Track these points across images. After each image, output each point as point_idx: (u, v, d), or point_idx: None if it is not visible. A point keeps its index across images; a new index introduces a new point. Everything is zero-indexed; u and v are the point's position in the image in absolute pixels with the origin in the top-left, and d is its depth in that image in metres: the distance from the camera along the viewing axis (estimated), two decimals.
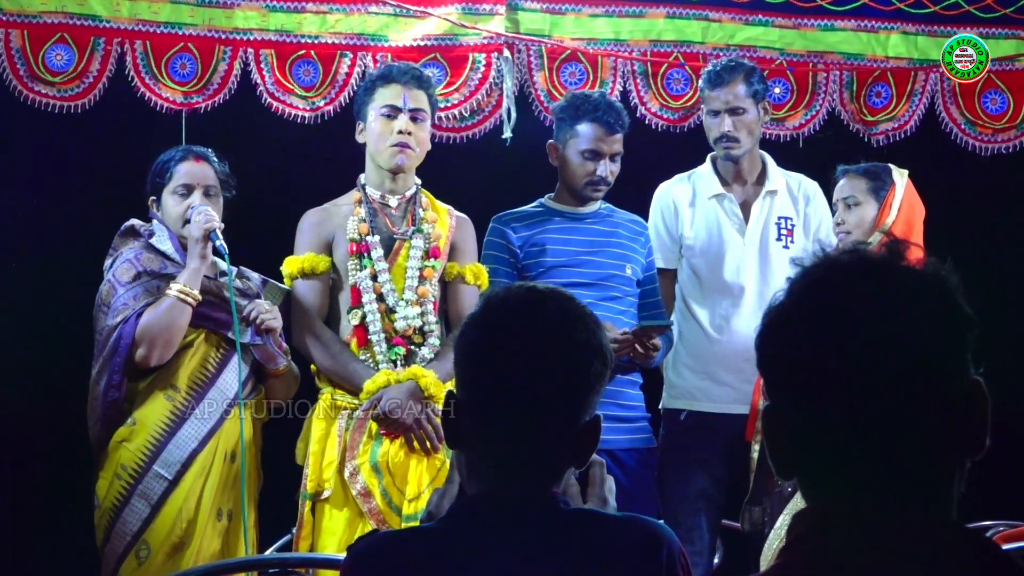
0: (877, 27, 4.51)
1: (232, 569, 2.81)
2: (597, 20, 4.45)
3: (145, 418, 3.30)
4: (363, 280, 3.40)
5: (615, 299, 3.59)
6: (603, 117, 3.59)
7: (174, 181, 3.42)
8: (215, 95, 4.27)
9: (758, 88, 3.77)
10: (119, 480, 3.27)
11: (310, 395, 3.50)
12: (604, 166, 3.60)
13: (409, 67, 3.57)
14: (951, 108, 4.50)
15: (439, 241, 3.48)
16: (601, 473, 1.71)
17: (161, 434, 3.29)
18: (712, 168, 3.87)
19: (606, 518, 1.61)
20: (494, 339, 1.61)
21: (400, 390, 3.30)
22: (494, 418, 1.59)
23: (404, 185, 3.50)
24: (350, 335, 3.42)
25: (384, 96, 3.46)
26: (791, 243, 3.80)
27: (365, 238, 3.44)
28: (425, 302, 3.42)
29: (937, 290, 1.18)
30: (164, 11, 4.25)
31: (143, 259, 3.37)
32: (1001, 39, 4.47)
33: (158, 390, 3.32)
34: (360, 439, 3.34)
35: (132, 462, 3.27)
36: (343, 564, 1.62)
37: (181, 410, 3.31)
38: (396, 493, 3.31)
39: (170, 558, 3.25)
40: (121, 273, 3.35)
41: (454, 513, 1.60)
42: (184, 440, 3.30)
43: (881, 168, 3.69)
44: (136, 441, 3.28)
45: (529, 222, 3.67)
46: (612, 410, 3.52)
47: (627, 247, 3.68)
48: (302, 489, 3.36)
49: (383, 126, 3.43)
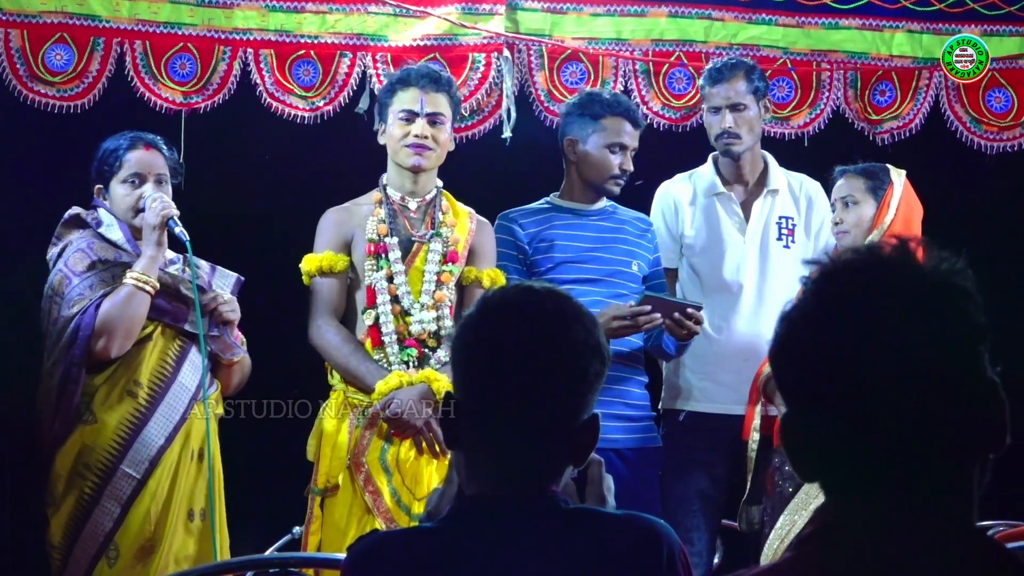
0: (881, 25, 4.49)
1: (232, 569, 2.80)
2: (598, 19, 4.44)
3: (108, 416, 3.24)
4: (379, 281, 3.41)
5: (621, 296, 3.58)
6: (629, 112, 3.65)
7: (124, 170, 3.38)
8: (215, 95, 4.27)
9: (759, 85, 3.78)
10: (84, 480, 3.21)
11: (310, 395, 3.50)
12: (628, 160, 3.61)
13: (428, 70, 3.55)
14: (956, 106, 4.48)
15: (457, 245, 3.49)
16: (599, 471, 1.71)
17: (127, 432, 3.23)
18: (713, 167, 3.87)
19: (606, 517, 1.60)
20: (492, 339, 1.61)
21: (411, 392, 3.30)
22: (493, 418, 1.58)
23: (424, 187, 3.50)
24: (364, 335, 3.43)
25: (402, 100, 3.46)
26: (792, 243, 3.80)
27: (383, 239, 3.45)
28: (442, 306, 3.43)
29: (953, 291, 1.18)
30: (164, 11, 4.25)
31: (96, 248, 3.32)
32: (1005, 36, 4.46)
33: (120, 387, 3.27)
34: (371, 437, 3.35)
35: (98, 462, 3.22)
36: (344, 563, 1.62)
37: (145, 407, 3.26)
38: (405, 492, 3.31)
39: (139, 561, 3.22)
40: (75, 263, 3.29)
41: (454, 513, 1.60)
42: (150, 438, 3.24)
43: (879, 168, 3.70)
44: (101, 440, 3.23)
45: (536, 218, 3.67)
46: (618, 409, 3.52)
47: (633, 244, 3.69)
48: (312, 485, 3.37)
49: (401, 130, 3.44)
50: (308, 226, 3.62)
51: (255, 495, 4.25)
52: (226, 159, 4.35)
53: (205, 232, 4.10)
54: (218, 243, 3.79)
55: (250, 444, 4.01)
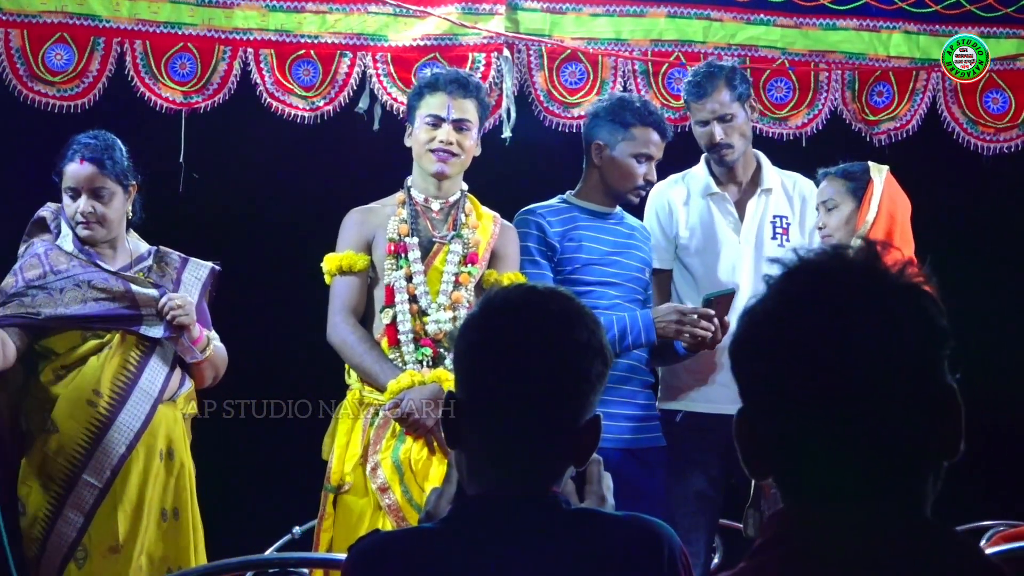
0: (879, 26, 4.50)
1: (232, 569, 2.80)
2: (598, 20, 4.45)
3: (67, 426, 3.23)
4: (398, 280, 3.42)
5: (637, 301, 3.58)
6: (660, 123, 3.63)
7: (64, 181, 3.37)
8: (215, 95, 4.27)
9: (742, 90, 3.72)
10: (47, 491, 3.20)
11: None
12: (652, 170, 3.62)
13: (456, 75, 3.52)
14: (953, 107, 4.49)
15: (478, 247, 3.48)
16: (599, 471, 1.71)
17: (86, 441, 3.22)
18: (706, 168, 3.85)
19: (607, 517, 1.61)
20: (495, 339, 1.61)
21: (423, 392, 3.30)
22: (494, 418, 1.59)
23: (448, 190, 3.51)
24: (381, 334, 3.43)
25: (430, 105, 3.45)
26: (786, 242, 3.78)
27: (404, 239, 3.45)
28: (459, 307, 3.42)
29: (913, 295, 1.19)
30: (164, 11, 4.25)
31: (51, 256, 3.33)
32: (1002, 38, 4.47)
33: (78, 396, 3.25)
34: (384, 436, 3.35)
35: (60, 472, 3.21)
36: (345, 563, 1.62)
37: (105, 415, 3.25)
38: (417, 490, 3.32)
39: (105, 558, 3.21)
40: (28, 267, 3.32)
41: (455, 513, 1.60)
42: (111, 445, 3.23)
43: (858, 168, 3.63)
44: (62, 450, 3.22)
45: (561, 217, 3.65)
46: (624, 409, 3.52)
47: (643, 251, 3.70)
48: (326, 482, 3.37)
49: (427, 135, 3.44)
50: (308, 225, 3.63)
51: (255, 495, 4.26)
52: (226, 159, 4.35)
53: (205, 231, 4.12)
54: (218, 242, 3.79)
55: (250, 444, 4.03)
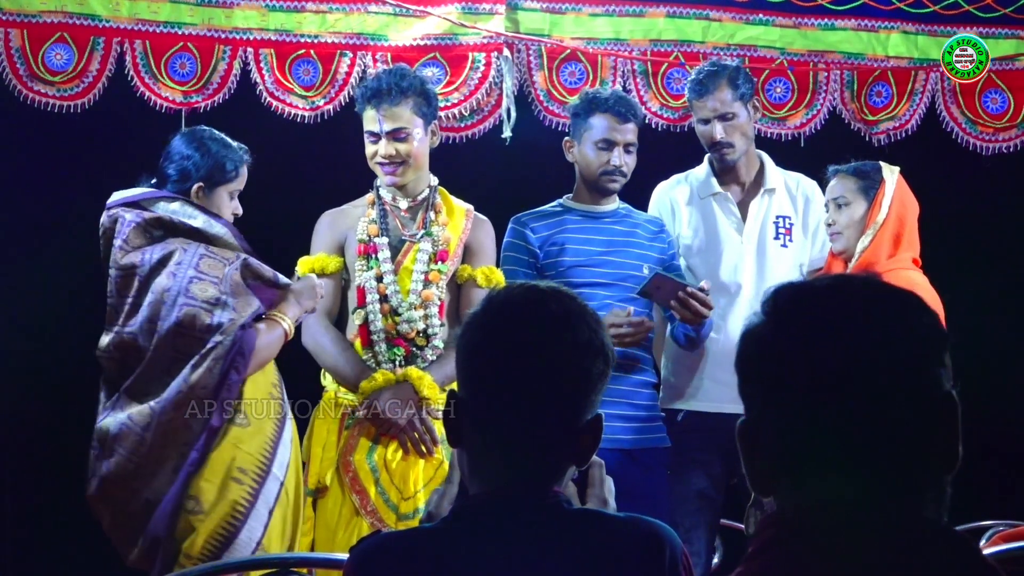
0: (877, 26, 4.51)
1: (232, 569, 2.80)
2: (597, 19, 4.46)
3: (263, 420, 3.14)
4: (368, 280, 3.43)
5: (632, 300, 3.59)
6: (615, 107, 3.61)
7: (236, 183, 3.33)
8: (215, 94, 4.28)
9: (744, 90, 3.73)
10: (240, 485, 3.07)
11: (311, 395, 3.51)
12: (618, 156, 3.60)
13: (379, 86, 3.44)
14: (952, 107, 4.50)
15: (448, 244, 3.49)
16: (600, 473, 1.71)
17: (275, 434, 3.14)
18: (709, 168, 3.86)
19: (608, 518, 1.61)
20: (496, 338, 1.61)
21: (393, 391, 3.31)
22: (496, 417, 1.59)
23: (414, 189, 3.51)
24: (354, 335, 3.45)
25: (366, 120, 3.47)
26: (789, 242, 3.79)
27: (374, 239, 3.46)
28: (429, 305, 3.43)
29: (912, 306, 1.22)
30: (164, 11, 4.26)
31: (215, 252, 3.21)
32: (1001, 39, 4.48)
33: (263, 387, 3.18)
34: (359, 437, 3.36)
35: (254, 466, 3.09)
36: (346, 564, 1.61)
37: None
38: (394, 491, 3.32)
39: None
40: (208, 268, 3.16)
41: (456, 513, 1.60)
42: (288, 439, 3.17)
43: (870, 166, 3.65)
44: (254, 443, 3.11)
45: (548, 221, 3.66)
46: (626, 409, 3.52)
47: (645, 247, 3.68)
48: (304, 485, 3.36)
49: (370, 150, 3.47)
50: (308, 225, 3.62)
51: None
52: None
53: None
54: None
55: None
